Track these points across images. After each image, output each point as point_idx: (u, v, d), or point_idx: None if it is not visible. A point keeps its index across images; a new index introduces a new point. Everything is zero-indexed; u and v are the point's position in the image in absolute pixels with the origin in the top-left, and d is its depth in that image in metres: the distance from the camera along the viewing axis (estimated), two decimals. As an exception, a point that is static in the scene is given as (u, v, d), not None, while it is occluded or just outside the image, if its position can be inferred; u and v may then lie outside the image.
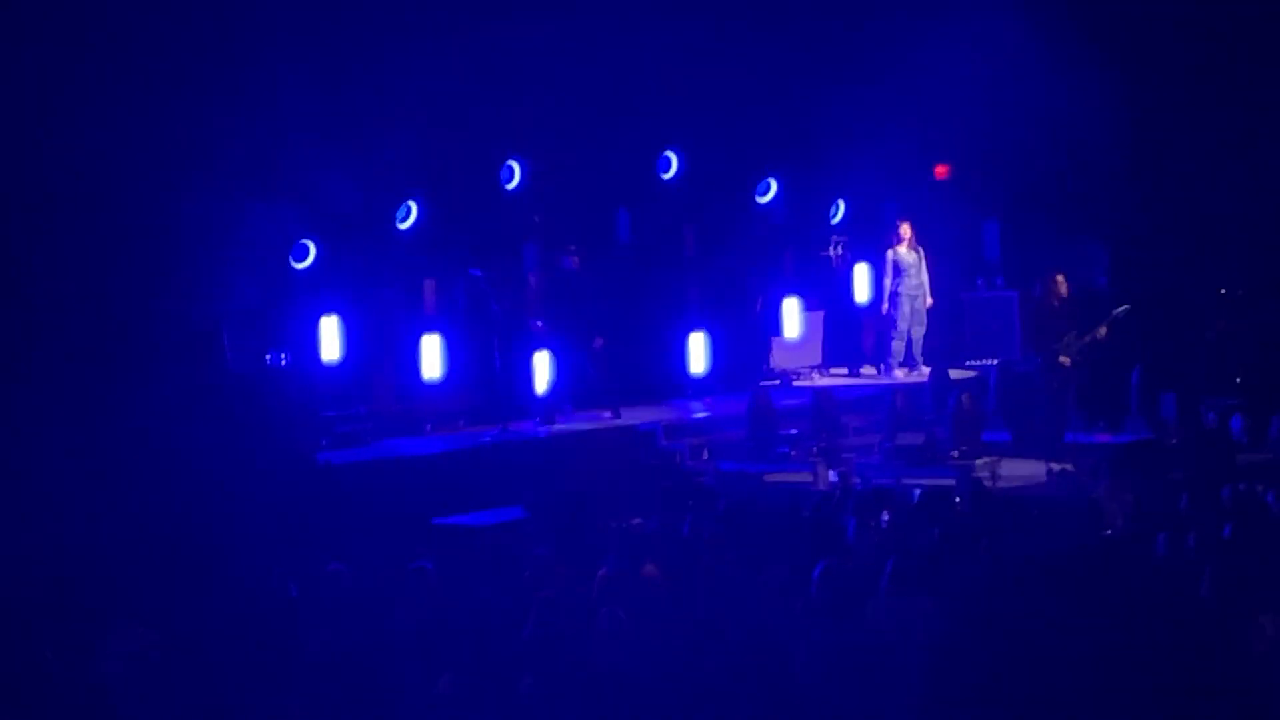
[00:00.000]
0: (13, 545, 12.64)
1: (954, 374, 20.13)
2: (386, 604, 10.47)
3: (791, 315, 21.98)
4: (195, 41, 15.68)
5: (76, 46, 15.01)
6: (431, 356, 18.55)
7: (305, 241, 17.69)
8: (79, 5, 15.01)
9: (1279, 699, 8.65)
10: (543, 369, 18.91)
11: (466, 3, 17.69)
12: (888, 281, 21.15)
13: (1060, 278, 18.55)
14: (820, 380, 21.45)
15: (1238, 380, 19.42)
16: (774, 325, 21.92)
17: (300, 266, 17.85)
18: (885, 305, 21.16)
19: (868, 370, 22.02)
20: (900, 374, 21.09)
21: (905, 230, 21.05)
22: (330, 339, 17.89)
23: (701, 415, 19.83)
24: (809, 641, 9.22)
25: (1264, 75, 20.51)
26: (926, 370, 20.70)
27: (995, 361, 20.45)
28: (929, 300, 21.22)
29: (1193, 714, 8.48)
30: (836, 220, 22.95)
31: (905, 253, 21.08)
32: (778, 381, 21.14)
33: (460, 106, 17.99)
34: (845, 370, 22.10)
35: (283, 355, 17.05)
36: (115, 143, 15.15)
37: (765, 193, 22.31)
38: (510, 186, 19.55)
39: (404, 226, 18.76)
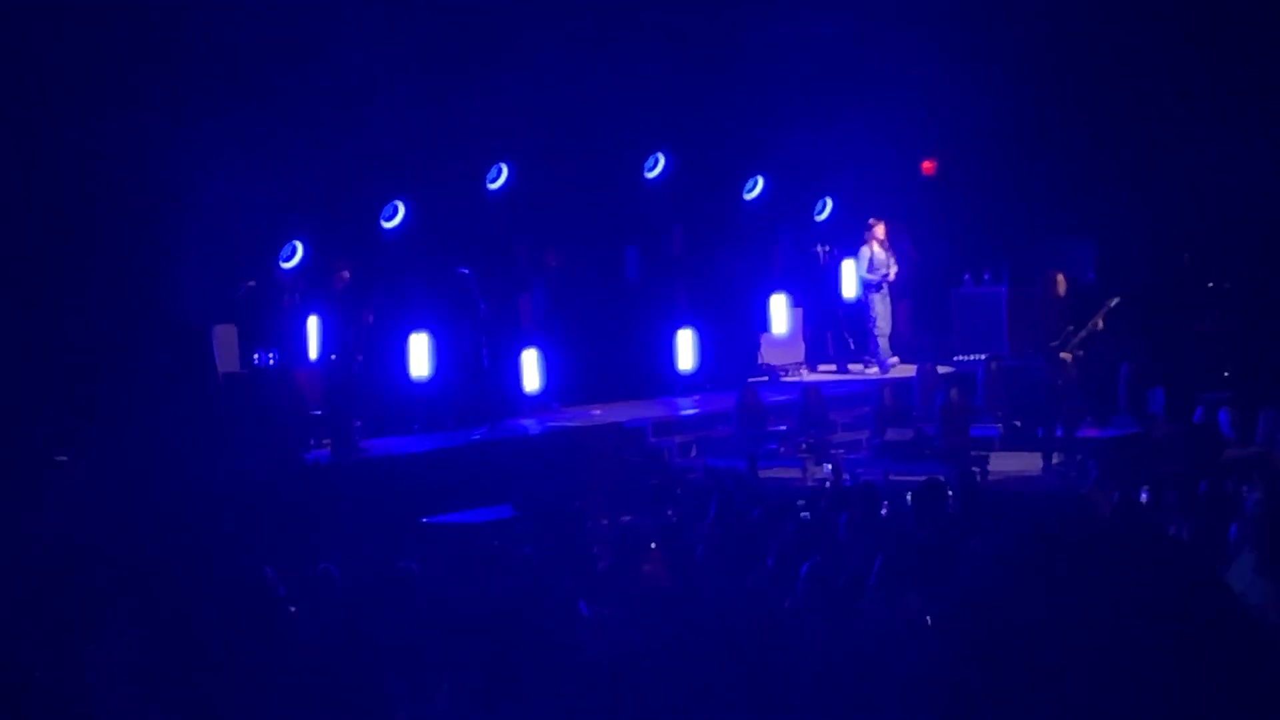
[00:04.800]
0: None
1: (942, 369, 20.15)
2: (375, 604, 10.43)
3: (779, 311, 21.97)
4: (178, 41, 15.66)
5: (63, 57, 14.98)
6: (419, 355, 18.52)
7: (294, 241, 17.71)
8: (78, 18, 14.99)
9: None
10: (531, 367, 18.88)
11: (451, 5, 17.68)
12: (864, 272, 21.33)
13: (1059, 276, 18.59)
14: (808, 376, 21.45)
15: (1226, 375, 19.42)
16: (762, 321, 21.92)
17: (288, 266, 17.83)
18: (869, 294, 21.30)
19: (855, 366, 22.04)
20: (893, 362, 21.27)
21: (879, 230, 21.18)
22: (318, 339, 17.86)
23: (690, 412, 19.82)
24: (797, 639, 9.20)
25: (1251, 70, 20.52)
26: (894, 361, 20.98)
27: (983, 356, 20.45)
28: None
29: (1192, 704, 8.45)
30: (823, 217, 22.95)
31: (876, 250, 21.19)
32: (765, 378, 21.12)
33: (448, 107, 17.98)
34: (834, 366, 22.11)
35: (270, 355, 17.02)
36: (104, 143, 15.13)
37: (752, 189, 22.31)
38: (495, 186, 19.53)
39: (391, 225, 18.75)
